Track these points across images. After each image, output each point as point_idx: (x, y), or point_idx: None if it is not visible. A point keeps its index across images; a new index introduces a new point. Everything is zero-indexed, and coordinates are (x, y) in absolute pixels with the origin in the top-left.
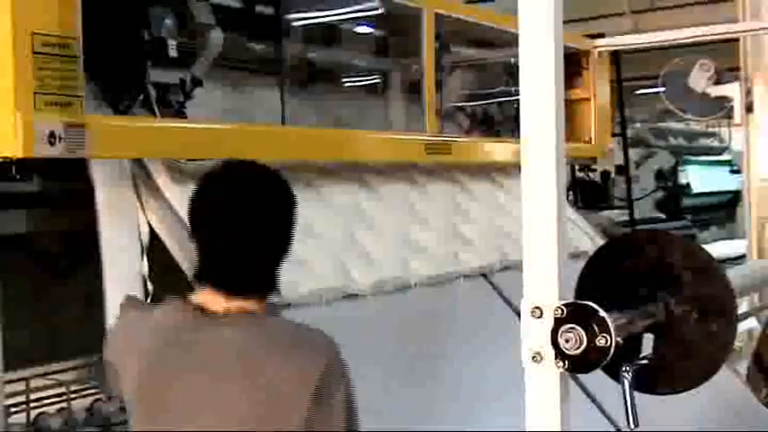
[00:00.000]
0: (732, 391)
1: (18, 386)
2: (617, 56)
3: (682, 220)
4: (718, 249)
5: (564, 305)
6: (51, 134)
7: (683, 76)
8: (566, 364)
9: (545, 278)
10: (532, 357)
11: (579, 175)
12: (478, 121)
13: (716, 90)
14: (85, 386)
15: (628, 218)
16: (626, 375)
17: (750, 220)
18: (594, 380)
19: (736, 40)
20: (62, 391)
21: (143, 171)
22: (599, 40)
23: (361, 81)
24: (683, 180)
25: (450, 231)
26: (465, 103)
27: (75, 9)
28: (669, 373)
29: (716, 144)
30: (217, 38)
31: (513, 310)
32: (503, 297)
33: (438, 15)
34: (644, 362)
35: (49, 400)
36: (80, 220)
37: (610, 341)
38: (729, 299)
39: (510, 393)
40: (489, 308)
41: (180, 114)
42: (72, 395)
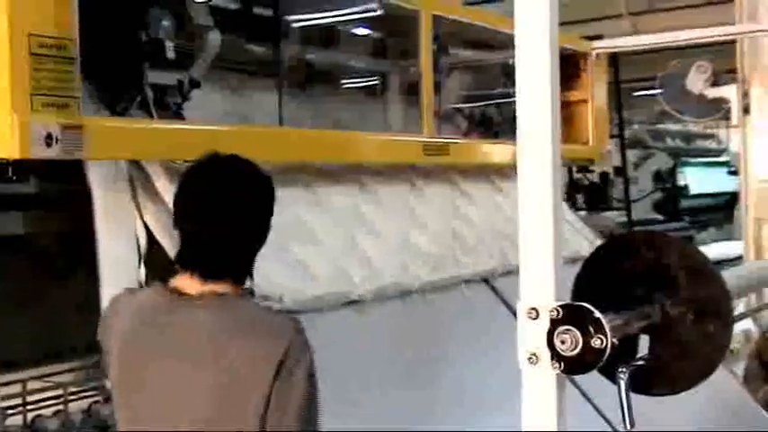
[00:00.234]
0: (729, 392)
1: (15, 388)
2: (615, 58)
3: (680, 221)
4: (716, 250)
5: (560, 306)
6: (48, 135)
7: (680, 78)
8: (562, 365)
9: (541, 279)
10: (528, 359)
11: (577, 176)
12: (477, 122)
13: (713, 92)
14: (82, 388)
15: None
16: (622, 376)
17: (747, 222)
18: (591, 381)
19: (734, 42)
20: (59, 393)
21: (140, 172)
22: (597, 42)
23: (359, 83)
24: (681, 181)
25: (450, 235)
26: (463, 105)
27: (72, 10)
28: (665, 374)
29: (714, 146)
30: (214, 39)
31: (515, 314)
32: (504, 301)
33: (436, 17)
34: (640, 363)
35: (45, 403)
36: (77, 222)
37: (605, 342)
38: (725, 300)
39: (512, 398)
40: (491, 312)
41: (177, 116)
42: (69, 397)
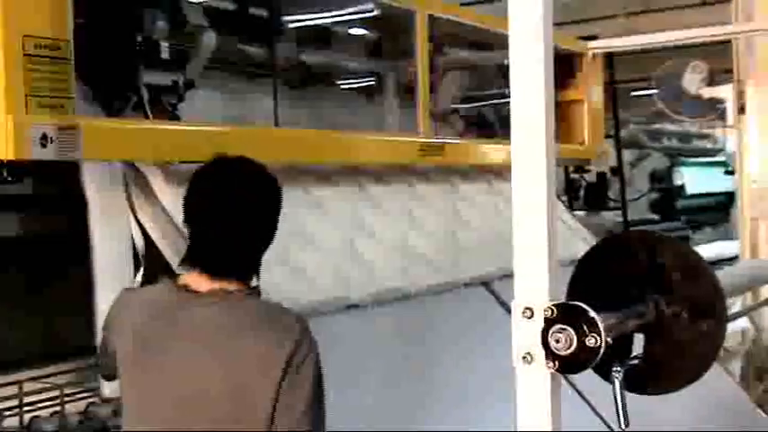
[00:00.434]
0: (725, 389)
1: (11, 390)
2: (610, 57)
3: (676, 221)
4: (713, 250)
5: (554, 305)
6: (43, 136)
7: (676, 78)
8: (556, 364)
9: (535, 279)
10: (523, 358)
11: (574, 176)
12: (473, 122)
13: (709, 92)
14: (79, 389)
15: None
16: (616, 375)
17: (743, 221)
18: (588, 381)
19: (729, 41)
20: (56, 394)
21: (135, 174)
22: (592, 42)
23: (355, 83)
24: (677, 181)
25: (450, 238)
26: (459, 105)
27: (67, 11)
28: (659, 373)
29: (710, 146)
30: (209, 40)
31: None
32: (503, 305)
33: (431, 17)
34: (634, 362)
35: (42, 404)
36: (72, 223)
37: (600, 341)
38: (719, 299)
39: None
40: (491, 316)
41: (172, 116)
42: (66, 398)
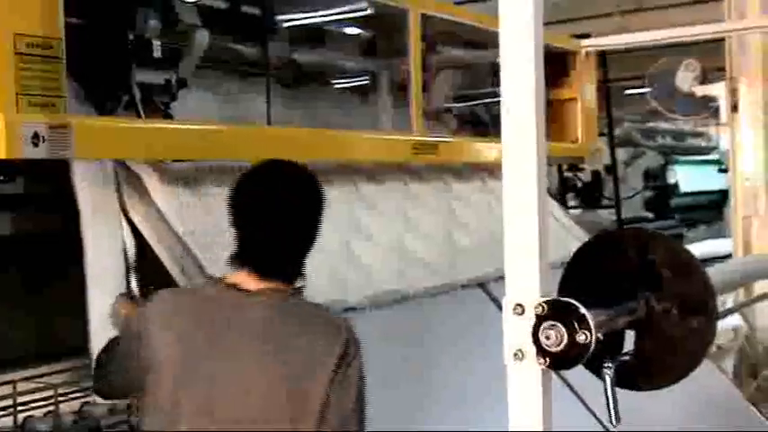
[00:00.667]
0: (718, 387)
1: (5, 389)
2: (603, 56)
3: (670, 219)
4: (707, 248)
5: (545, 302)
6: (35, 135)
7: (669, 76)
8: (547, 360)
9: (526, 275)
10: (514, 355)
11: (568, 175)
12: (466, 121)
13: (702, 90)
14: (73, 389)
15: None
16: (607, 371)
17: (736, 219)
18: (583, 381)
19: (722, 40)
20: (50, 394)
21: (127, 173)
22: (586, 40)
23: (348, 82)
24: (671, 179)
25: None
26: (452, 104)
27: (58, 10)
28: (650, 369)
29: (704, 144)
30: (202, 38)
31: None
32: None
33: (424, 16)
34: (625, 358)
35: (36, 404)
36: (65, 222)
37: (590, 338)
38: (709, 295)
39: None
40: (487, 317)
41: (165, 115)
42: (60, 398)
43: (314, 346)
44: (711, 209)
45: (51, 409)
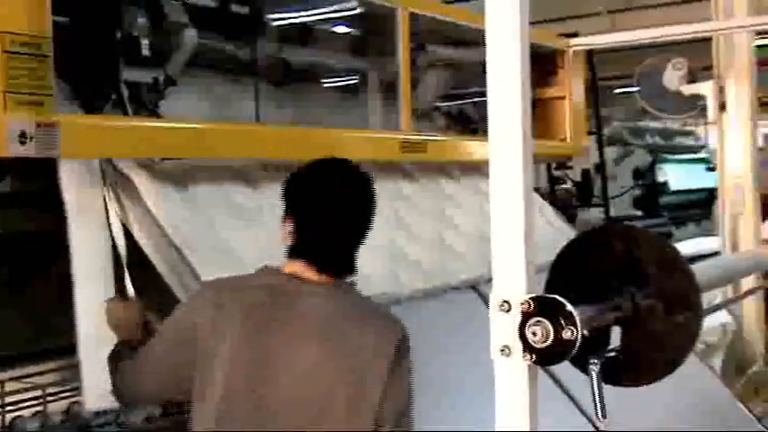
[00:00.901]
0: (706, 384)
1: None
2: (591, 54)
3: (659, 217)
4: (695, 246)
5: (531, 299)
6: (22, 134)
7: (657, 75)
8: (533, 357)
9: (513, 272)
10: (501, 350)
11: (557, 173)
12: (455, 119)
13: (689, 89)
14: (62, 389)
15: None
16: (594, 367)
17: (724, 217)
18: (577, 383)
19: (710, 38)
20: (38, 394)
21: (115, 171)
22: (574, 39)
23: (336, 81)
24: (660, 178)
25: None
26: (442, 103)
27: (46, 8)
28: (636, 364)
29: (692, 142)
30: (191, 37)
31: None
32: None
33: (413, 14)
34: (611, 354)
35: (24, 404)
36: (55, 221)
37: (576, 334)
38: (694, 291)
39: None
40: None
41: (153, 114)
42: (48, 398)
43: (372, 338)
44: (700, 207)
45: (40, 409)
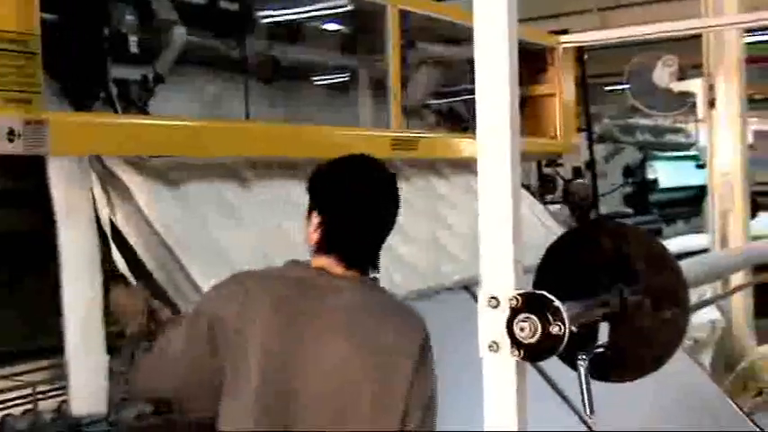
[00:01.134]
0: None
1: None
2: (581, 52)
3: (649, 214)
4: (685, 243)
5: (519, 295)
6: (10, 131)
7: (647, 72)
8: (521, 352)
9: (501, 268)
10: (489, 346)
11: (547, 170)
12: (445, 117)
13: (679, 86)
14: (52, 387)
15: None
16: (582, 363)
17: (713, 214)
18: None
19: (700, 36)
20: (28, 392)
21: (104, 169)
22: (564, 37)
23: (327, 78)
24: (650, 175)
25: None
26: (432, 100)
27: (35, 5)
28: (624, 360)
29: (682, 140)
30: (180, 34)
31: None
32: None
33: (403, 12)
34: (599, 350)
35: (14, 402)
36: (45, 220)
37: (564, 329)
38: (682, 287)
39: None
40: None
41: (142, 111)
42: (38, 396)
43: (402, 332)
44: (690, 204)
45: (30, 407)
